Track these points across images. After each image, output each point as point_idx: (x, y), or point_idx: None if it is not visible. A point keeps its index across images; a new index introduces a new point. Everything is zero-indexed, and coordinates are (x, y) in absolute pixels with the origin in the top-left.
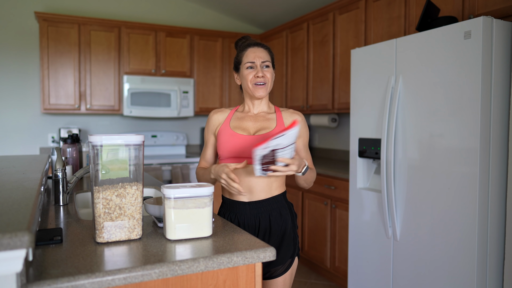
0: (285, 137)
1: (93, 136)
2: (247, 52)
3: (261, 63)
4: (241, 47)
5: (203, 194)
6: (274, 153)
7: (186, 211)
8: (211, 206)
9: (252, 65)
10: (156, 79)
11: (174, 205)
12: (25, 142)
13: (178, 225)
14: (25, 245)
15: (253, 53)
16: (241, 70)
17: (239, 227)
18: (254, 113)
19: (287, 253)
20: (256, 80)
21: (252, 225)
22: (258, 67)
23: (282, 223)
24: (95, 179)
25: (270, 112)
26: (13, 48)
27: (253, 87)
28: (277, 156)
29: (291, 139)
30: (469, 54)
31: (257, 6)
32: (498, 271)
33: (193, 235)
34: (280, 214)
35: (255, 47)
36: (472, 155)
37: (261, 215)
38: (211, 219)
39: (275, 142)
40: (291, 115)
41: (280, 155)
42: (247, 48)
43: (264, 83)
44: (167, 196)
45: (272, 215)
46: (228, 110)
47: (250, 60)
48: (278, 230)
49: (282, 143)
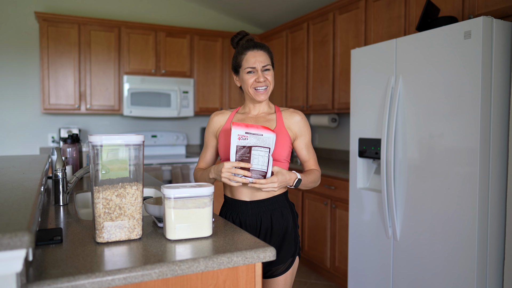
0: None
1: (93, 136)
2: (246, 56)
3: (262, 67)
4: (240, 49)
5: (203, 194)
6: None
7: (186, 211)
8: (211, 206)
9: (253, 70)
10: (156, 79)
11: (174, 205)
12: (25, 142)
13: (178, 225)
14: (25, 245)
15: (253, 58)
16: (241, 73)
17: (241, 226)
18: (255, 114)
19: (288, 252)
20: (257, 84)
21: (253, 224)
22: (259, 72)
23: (283, 222)
24: (95, 179)
25: (271, 113)
26: (13, 48)
27: (254, 91)
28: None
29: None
30: (469, 54)
31: (257, 6)
32: (498, 271)
33: (193, 235)
34: (282, 214)
35: (255, 50)
36: (472, 155)
37: (262, 215)
38: (211, 219)
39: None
40: (291, 114)
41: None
42: (247, 51)
43: (266, 86)
44: (167, 196)
45: (273, 215)
46: (229, 112)
47: (250, 66)
48: (279, 229)
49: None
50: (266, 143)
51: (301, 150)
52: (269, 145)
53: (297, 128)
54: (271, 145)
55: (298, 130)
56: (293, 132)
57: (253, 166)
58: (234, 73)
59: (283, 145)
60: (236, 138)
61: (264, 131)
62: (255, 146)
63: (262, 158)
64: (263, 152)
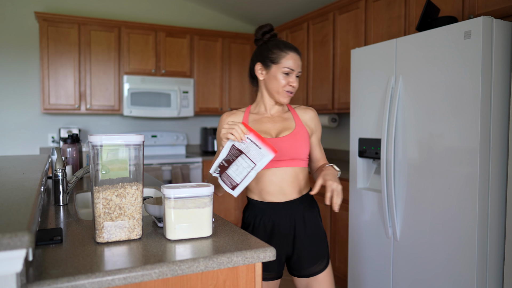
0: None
1: (93, 136)
2: (288, 56)
3: (297, 72)
4: (280, 45)
5: (203, 194)
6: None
7: (186, 211)
8: (211, 206)
9: (290, 72)
10: (156, 79)
11: (174, 205)
12: (25, 142)
13: (178, 225)
14: (25, 245)
15: (294, 60)
16: (274, 70)
17: (273, 229)
18: (271, 114)
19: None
20: (289, 88)
21: (287, 225)
22: (294, 76)
23: (314, 219)
24: (95, 179)
25: (285, 111)
26: (13, 48)
27: (283, 92)
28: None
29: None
30: (469, 54)
31: (257, 6)
32: (498, 271)
33: (193, 235)
34: (311, 211)
35: (296, 54)
36: (472, 155)
37: (296, 214)
38: (211, 219)
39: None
40: (305, 110)
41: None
42: (289, 51)
43: (293, 91)
44: (167, 196)
45: (305, 213)
46: (240, 112)
47: (290, 67)
48: (313, 226)
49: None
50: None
51: (314, 147)
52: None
53: (312, 124)
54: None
55: (314, 126)
56: (310, 128)
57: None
58: (263, 66)
59: (305, 143)
60: None
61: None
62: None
63: (242, 170)
64: (246, 164)
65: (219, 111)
